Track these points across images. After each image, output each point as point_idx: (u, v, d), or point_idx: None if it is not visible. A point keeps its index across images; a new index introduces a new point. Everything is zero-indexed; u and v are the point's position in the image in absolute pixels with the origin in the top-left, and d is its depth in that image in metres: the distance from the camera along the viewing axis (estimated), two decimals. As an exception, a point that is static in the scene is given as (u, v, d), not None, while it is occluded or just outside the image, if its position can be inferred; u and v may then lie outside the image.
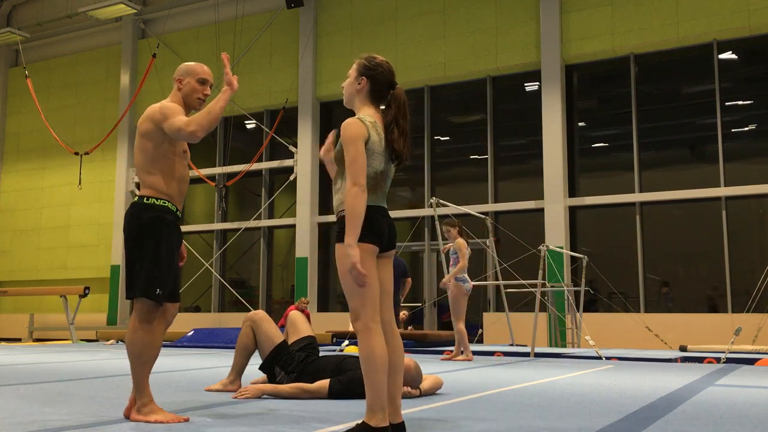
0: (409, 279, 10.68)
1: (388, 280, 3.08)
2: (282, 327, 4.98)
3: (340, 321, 13.03)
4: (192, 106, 3.58)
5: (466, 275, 8.24)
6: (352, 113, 3.12)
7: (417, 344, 10.71)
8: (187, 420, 3.29)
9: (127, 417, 3.38)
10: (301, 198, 14.92)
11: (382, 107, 3.13)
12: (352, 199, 2.86)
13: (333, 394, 4.11)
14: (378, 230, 2.96)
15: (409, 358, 4.28)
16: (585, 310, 11.38)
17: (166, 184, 3.42)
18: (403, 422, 2.97)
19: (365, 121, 3.01)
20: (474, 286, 8.50)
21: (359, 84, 3.12)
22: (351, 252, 2.84)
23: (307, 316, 12.34)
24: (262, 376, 4.81)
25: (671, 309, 12.06)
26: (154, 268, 3.33)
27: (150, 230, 3.35)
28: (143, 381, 3.31)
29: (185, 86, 3.56)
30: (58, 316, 16.26)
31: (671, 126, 12.75)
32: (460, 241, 8.25)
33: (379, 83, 3.11)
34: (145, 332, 3.31)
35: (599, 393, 4.71)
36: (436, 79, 14.04)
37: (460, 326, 8.18)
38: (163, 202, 3.41)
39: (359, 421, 2.88)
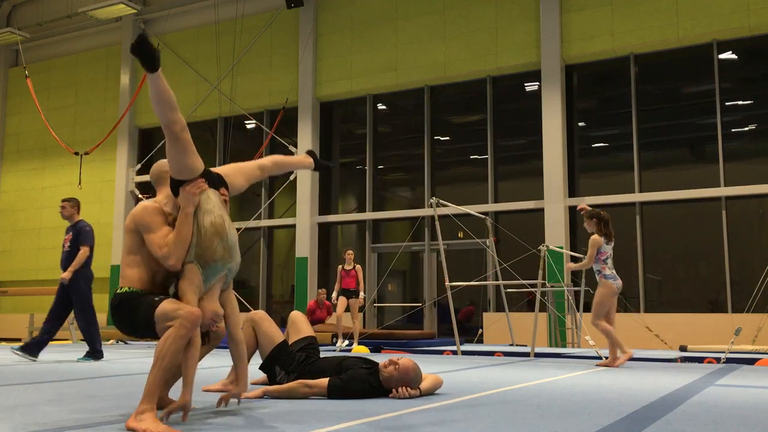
0: (85, 248, 8.40)
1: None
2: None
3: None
4: None
5: (614, 272, 7.31)
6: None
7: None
8: None
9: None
10: (301, 198, 14.91)
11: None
12: None
13: (332, 391, 4.11)
14: None
15: (409, 359, 4.28)
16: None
17: (140, 277, 3.36)
18: None
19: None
20: (474, 286, 8.47)
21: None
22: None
23: (327, 308, 12.32)
24: (262, 376, 4.82)
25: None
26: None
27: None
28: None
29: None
30: (58, 316, 16.22)
31: (671, 126, 12.75)
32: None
33: None
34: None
35: (599, 393, 4.71)
36: (436, 79, 14.03)
37: (603, 325, 7.23)
38: (131, 289, 3.35)
39: None
